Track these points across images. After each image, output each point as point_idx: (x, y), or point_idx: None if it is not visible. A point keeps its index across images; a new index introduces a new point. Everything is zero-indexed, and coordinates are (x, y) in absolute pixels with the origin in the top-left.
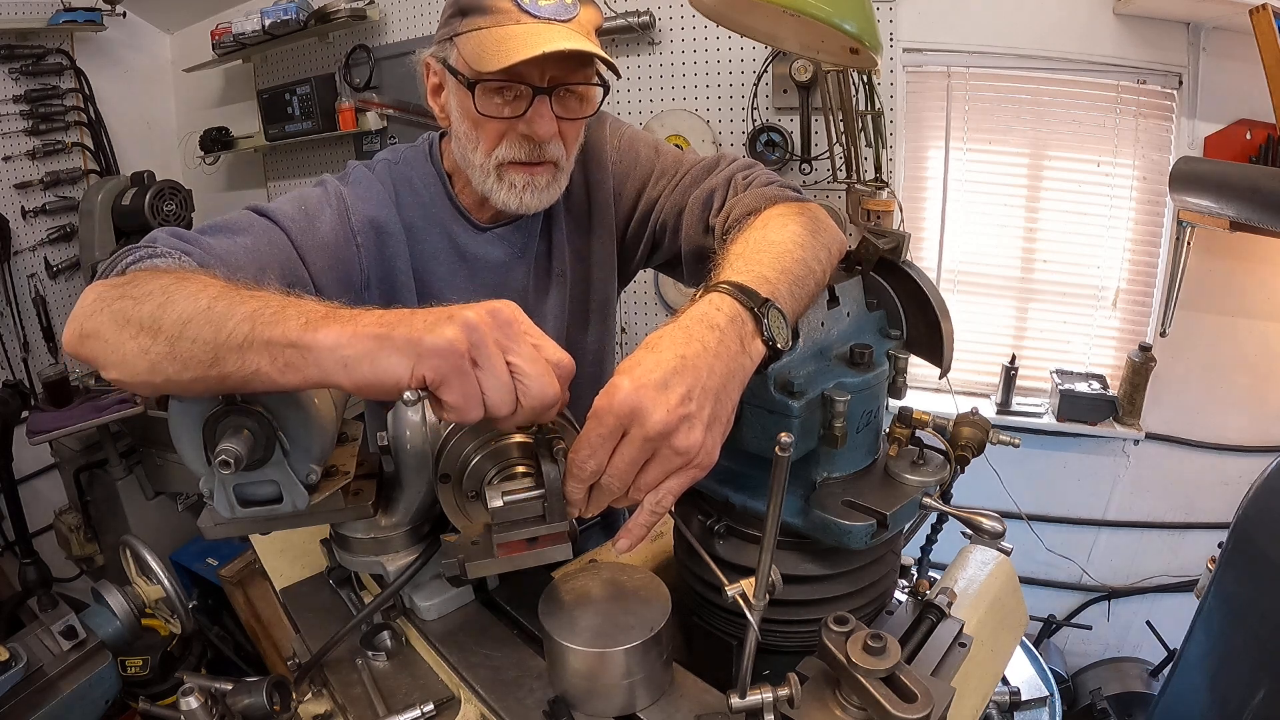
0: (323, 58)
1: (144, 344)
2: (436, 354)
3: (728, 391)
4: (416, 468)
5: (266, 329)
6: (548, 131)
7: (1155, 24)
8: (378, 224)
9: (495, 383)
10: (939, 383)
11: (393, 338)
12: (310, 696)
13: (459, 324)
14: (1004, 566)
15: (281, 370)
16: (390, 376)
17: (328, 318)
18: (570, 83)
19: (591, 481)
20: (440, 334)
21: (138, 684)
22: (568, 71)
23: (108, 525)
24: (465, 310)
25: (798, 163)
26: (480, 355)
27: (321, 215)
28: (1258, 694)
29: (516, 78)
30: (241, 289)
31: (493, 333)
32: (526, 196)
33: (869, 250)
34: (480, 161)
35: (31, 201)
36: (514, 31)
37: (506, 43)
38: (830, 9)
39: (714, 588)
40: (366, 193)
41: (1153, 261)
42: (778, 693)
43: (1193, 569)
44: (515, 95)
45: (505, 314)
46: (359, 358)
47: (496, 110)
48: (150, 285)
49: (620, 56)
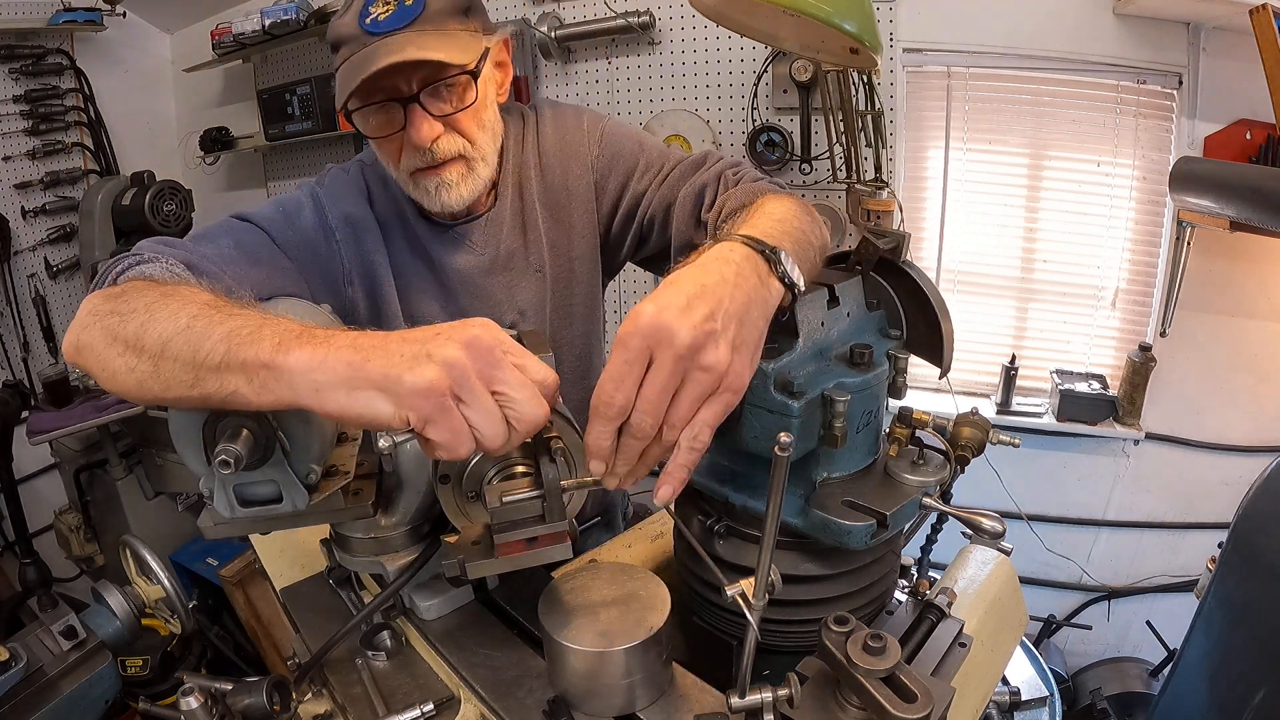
0: (323, 58)
1: (130, 362)
2: (418, 395)
3: (751, 319)
4: (416, 468)
5: (241, 349)
6: (423, 137)
7: (1155, 24)
8: (353, 220)
9: (483, 417)
10: (939, 383)
11: (368, 370)
12: (310, 696)
13: (439, 363)
14: (1004, 566)
15: (258, 392)
16: (371, 413)
17: (301, 338)
18: (436, 80)
19: (620, 420)
20: (421, 375)
21: (138, 684)
22: (430, 72)
23: (108, 525)
24: (445, 345)
25: (798, 163)
26: (465, 392)
27: (300, 215)
28: (1258, 694)
29: (387, 94)
30: (224, 306)
31: (475, 365)
32: (443, 195)
33: (869, 250)
34: (396, 175)
35: (31, 201)
36: (360, 57)
37: (352, 69)
38: (830, 9)
39: (714, 588)
40: (342, 190)
41: (1153, 261)
42: (778, 693)
43: (1193, 569)
44: (388, 110)
45: (484, 341)
46: (332, 385)
47: (380, 130)
48: (136, 302)
49: (620, 56)
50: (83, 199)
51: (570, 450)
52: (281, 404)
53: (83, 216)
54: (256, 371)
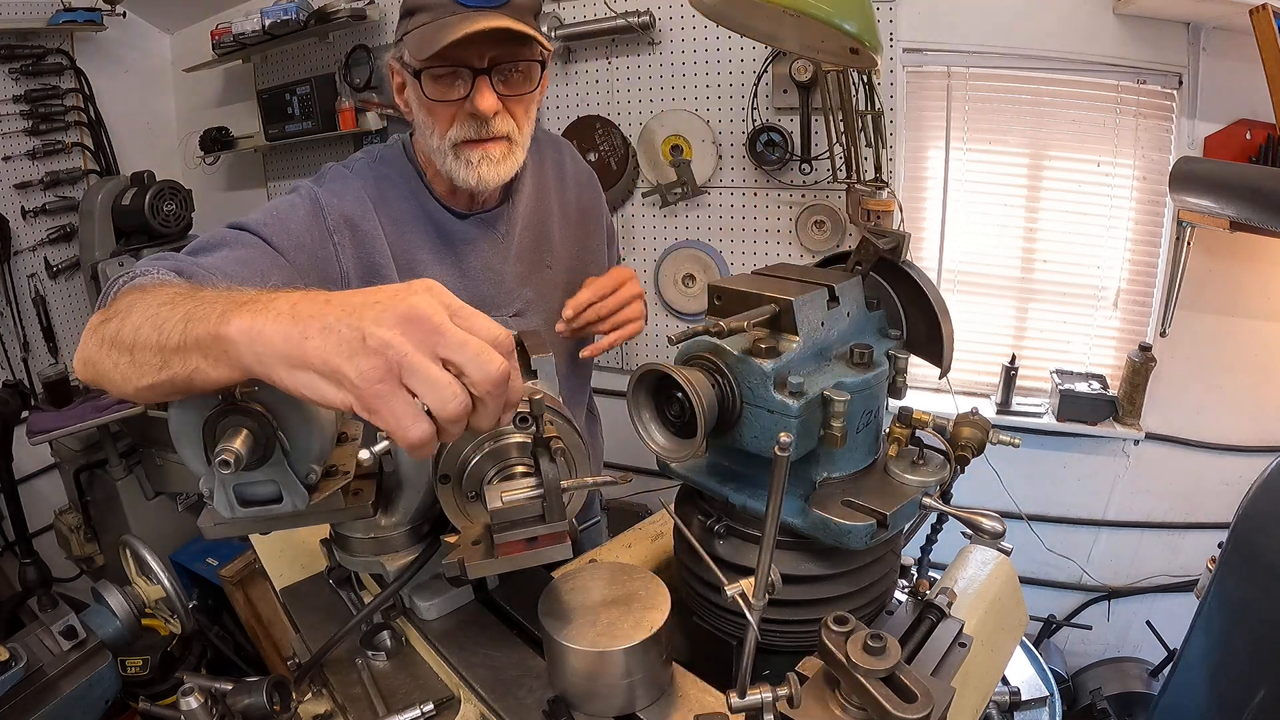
0: (323, 58)
1: (115, 359)
2: (356, 389)
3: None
4: (416, 468)
5: (195, 326)
6: (489, 106)
7: (1155, 24)
8: (353, 222)
9: (433, 390)
10: (939, 383)
11: (305, 351)
12: (310, 696)
13: (374, 348)
14: (1004, 566)
15: (213, 365)
16: (318, 396)
17: (243, 306)
18: (508, 61)
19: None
20: (355, 367)
21: (138, 684)
22: (507, 52)
23: (108, 525)
24: (380, 324)
25: (798, 163)
26: (406, 373)
27: (294, 218)
28: (1258, 694)
29: (458, 62)
30: (193, 292)
31: (414, 339)
32: (483, 169)
33: (869, 250)
34: (438, 144)
35: (31, 201)
36: (449, 21)
37: (441, 31)
38: (830, 9)
39: (714, 588)
40: (342, 190)
41: (1153, 261)
42: (778, 692)
43: (1193, 569)
44: (459, 79)
45: (422, 310)
46: (273, 359)
47: (443, 94)
48: (121, 306)
49: (620, 56)
50: (83, 199)
51: (570, 450)
52: (235, 376)
53: (83, 216)
54: (209, 345)
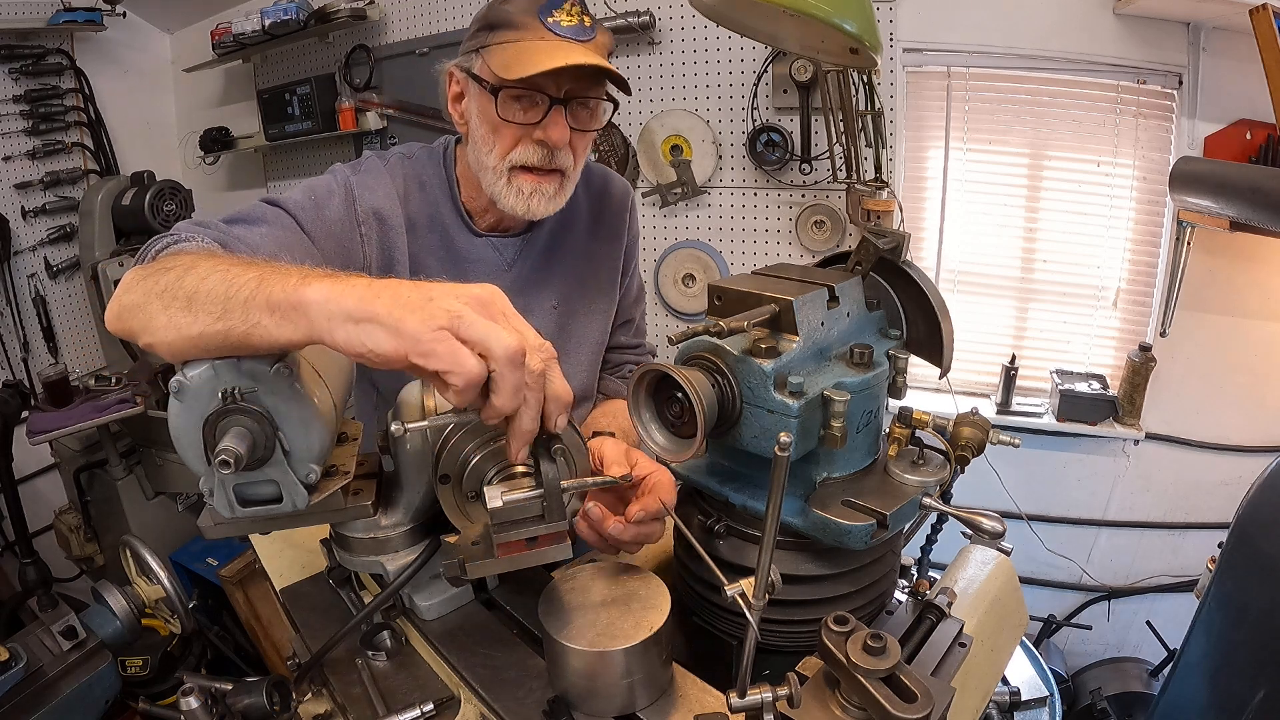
0: (323, 58)
1: (166, 305)
2: (417, 333)
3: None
4: (416, 468)
5: (269, 285)
6: (561, 137)
7: (1155, 24)
8: (381, 215)
9: (488, 331)
10: (939, 383)
11: (374, 306)
12: (310, 696)
13: (439, 309)
14: (1004, 566)
15: (279, 323)
16: (372, 343)
17: (323, 275)
18: (584, 96)
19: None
20: (418, 317)
21: (138, 684)
22: (582, 87)
23: (108, 525)
24: (448, 297)
25: (798, 163)
26: (465, 324)
27: (330, 203)
28: (1258, 694)
29: (536, 88)
30: (258, 261)
31: (476, 309)
32: (533, 202)
33: (869, 250)
34: (494, 164)
35: (31, 201)
36: (539, 46)
37: (531, 55)
38: (830, 9)
39: (714, 588)
40: (375, 183)
41: (1153, 261)
42: (778, 692)
43: (1193, 569)
44: (533, 104)
45: (485, 298)
46: (341, 316)
47: (515, 116)
48: (174, 264)
49: (620, 56)
50: (83, 199)
51: (570, 451)
52: (297, 339)
53: (83, 216)
54: (280, 304)
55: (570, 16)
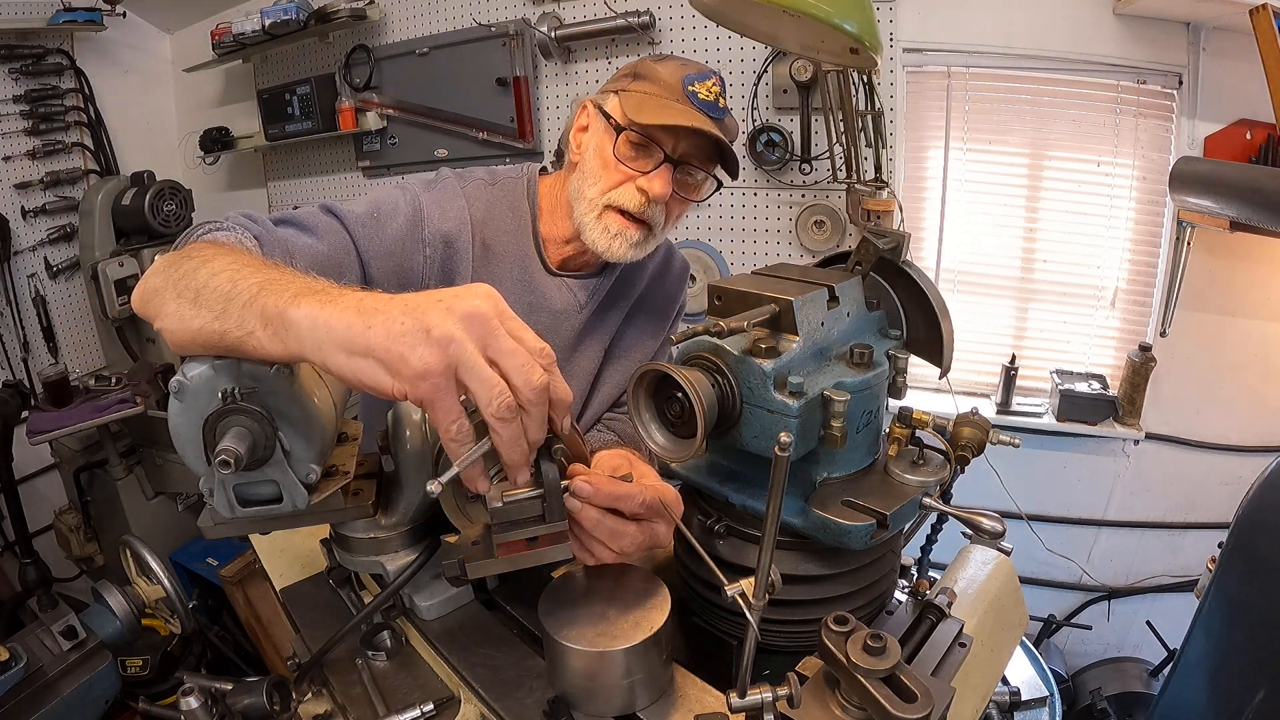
0: (323, 58)
1: (178, 294)
2: (417, 378)
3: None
4: (416, 468)
5: (266, 294)
6: (663, 192)
7: (1155, 24)
8: (449, 239)
9: (482, 385)
10: (939, 383)
11: (368, 339)
12: (310, 696)
13: (437, 341)
14: (1004, 566)
15: (270, 338)
16: (372, 382)
17: (315, 295)
18: (695, 165)
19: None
20: (420, 359)
21: (138, 684)
22: (697, 155)
23: (108, 525)
24: (444, 319)
25: (798, 163)
26: (463, 369)
27: (394, 220)
28: (1257, 694)
29: (655, 139)
30: (272, 264)
31: (471, 337)
32: (616, 243)
33: (869, 250)
34: (593, 196)
35: (31, 201)
36: (672, 105)
37: (663, 108)
38: (830, 9)
39: (714, 588)
40: (449, 206)
41: (1153, 261)
42: (778, 692)
43: (1193, 569)
44: (648, 154)
45: (483, 312)
46: (333, 344)
47: (628, 159)
48: (197, 254)
49: (620, 56)
50: (83, 199)
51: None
52: (290, 354)
53: (83, 216)
54: (272, 318)
55: (709, 93)
